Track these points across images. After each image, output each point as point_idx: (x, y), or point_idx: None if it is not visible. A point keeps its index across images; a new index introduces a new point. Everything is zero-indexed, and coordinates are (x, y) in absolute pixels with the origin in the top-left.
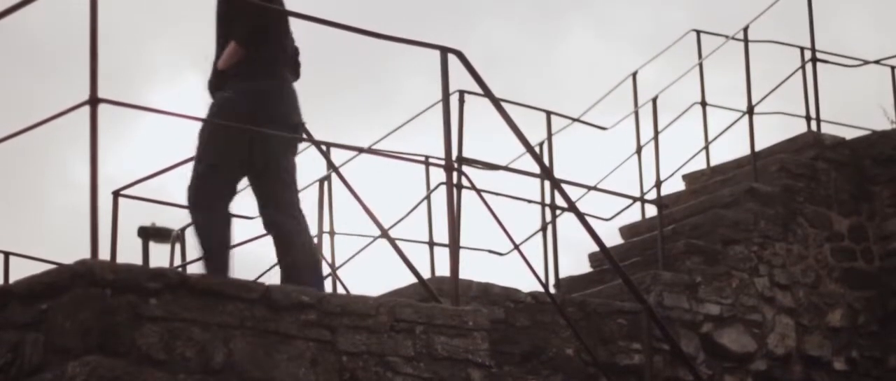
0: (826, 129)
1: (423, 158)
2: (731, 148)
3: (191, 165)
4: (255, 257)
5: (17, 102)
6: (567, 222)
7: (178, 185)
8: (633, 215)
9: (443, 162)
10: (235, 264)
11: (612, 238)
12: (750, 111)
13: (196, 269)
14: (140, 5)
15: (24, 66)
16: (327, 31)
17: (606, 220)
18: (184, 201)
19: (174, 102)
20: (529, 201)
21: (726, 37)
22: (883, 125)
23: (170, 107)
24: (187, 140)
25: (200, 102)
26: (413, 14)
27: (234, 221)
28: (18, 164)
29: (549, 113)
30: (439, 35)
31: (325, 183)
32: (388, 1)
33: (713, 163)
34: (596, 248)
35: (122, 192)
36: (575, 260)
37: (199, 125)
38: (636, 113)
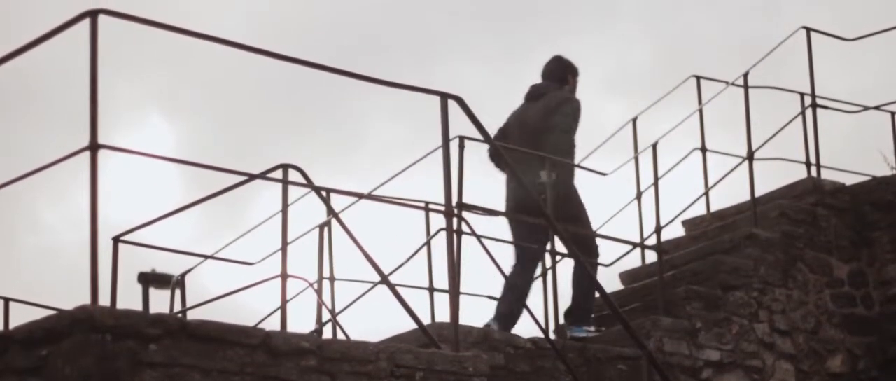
0: (826, 175)
1: (423, 204)
2: (731, 194)
3: (191, 209)
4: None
5: None
6: (567, 267)
7: (176, 231)
8: (633, 261)
9: (443, 208)
10: (234, 311)
11: (613, 284)
12: (750, 157)
13: (196, 315)
14: (101, 49)
15: None
16: (290, 69)
17: (606, 266)
18: (183, 247)
19: (141, 145)
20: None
21: (726, 83)
22: (883, 171)
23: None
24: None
25: (166, 146)
26: (376, 52)
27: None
28: None
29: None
30: (403, 74)
31: (325, 229)
32: (351, 40)
33: (713, 209)
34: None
35: (122, 238)
36: None
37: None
38: (636, 159)
